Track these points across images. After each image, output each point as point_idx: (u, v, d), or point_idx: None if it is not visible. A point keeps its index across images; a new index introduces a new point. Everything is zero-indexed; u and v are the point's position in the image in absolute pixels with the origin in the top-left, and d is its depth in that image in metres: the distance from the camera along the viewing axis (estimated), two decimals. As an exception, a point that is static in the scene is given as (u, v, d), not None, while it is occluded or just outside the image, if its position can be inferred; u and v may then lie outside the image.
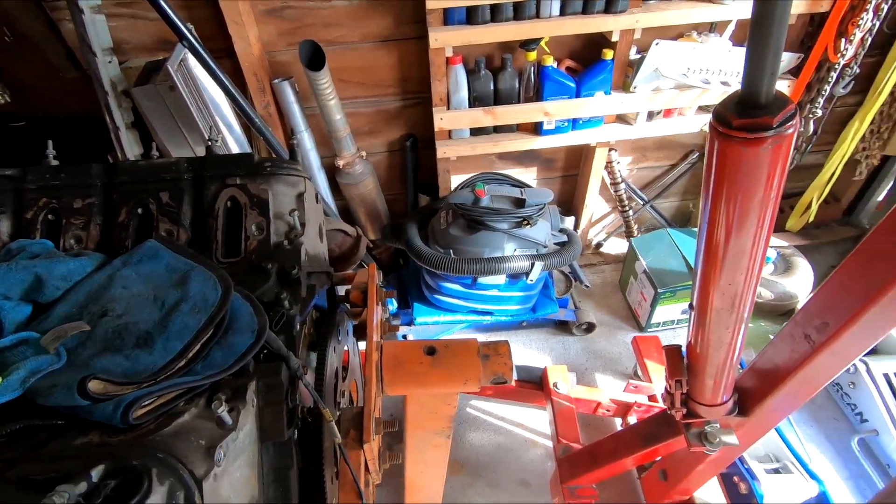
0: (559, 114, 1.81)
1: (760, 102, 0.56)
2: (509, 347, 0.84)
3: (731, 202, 0.65)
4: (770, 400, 1.01)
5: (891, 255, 0.73)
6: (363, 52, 1.78)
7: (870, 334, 0.83)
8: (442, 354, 0.81)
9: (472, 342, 0.83)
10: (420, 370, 0.80)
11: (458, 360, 0.81)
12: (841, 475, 1.66)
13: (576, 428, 1.52)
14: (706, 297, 0.81)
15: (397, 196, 2.22)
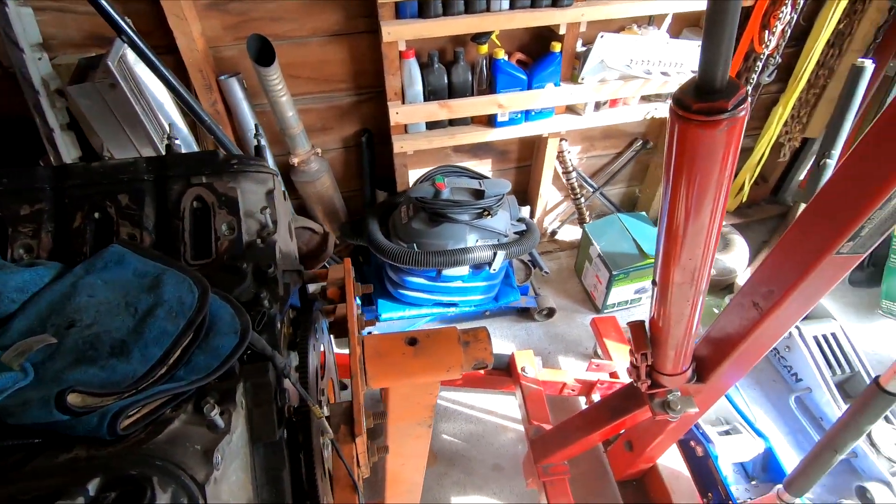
0: (513, 106, 1.86)
1: (716, 87, 0.61)
2: (488, 333, 0.86)
3: (691, 182, 0.70)
4: (724, 366, 1.09)
5: (822, 229, 0.81)
6: (313, 46, 1.74)
7: (809, 298, 0.91)
8: (423, 344, 0.82)
9: (452, 330, 0.85)
10: (403, 361, 0.80)
11: (440, 349, 0.82)
12: (782, 431, 1.81)
13: (545, 409, 1.58)
14: (668, 273, 0.86)
15: (354, 193, 2.19)
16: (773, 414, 1.86)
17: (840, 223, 0.79)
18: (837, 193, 0.79)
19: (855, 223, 0.77)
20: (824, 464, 1.21)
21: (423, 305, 1.93)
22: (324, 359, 1.00)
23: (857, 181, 0.76)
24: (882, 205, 0.74)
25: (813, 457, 1.22)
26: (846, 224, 0.78)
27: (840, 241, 0.80)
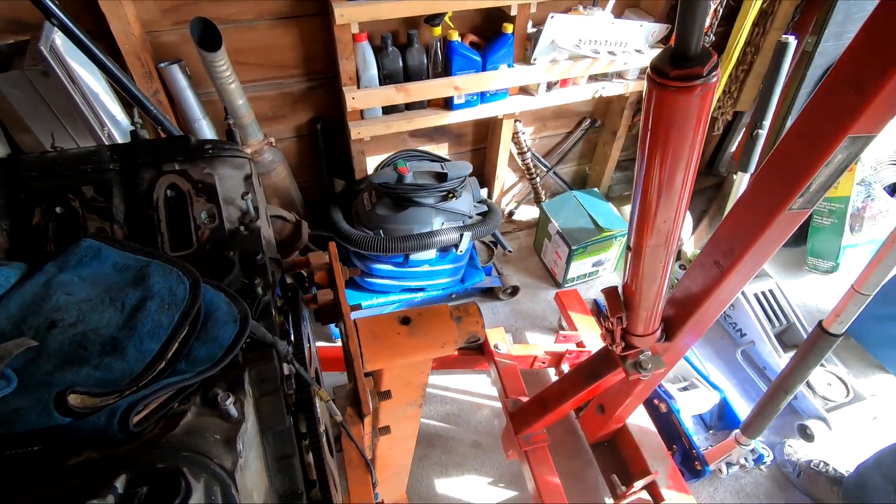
0: (469, 88, 1.86)
1: (691, 55, 0.64)
2: (478, 307, 0.87)
3: (668, 146, 0.74)
4: (689, 323, 1.16)
5: (776, 187, 0.88)
6: (261, 30, 1.66)
7: (765, 252, 0.99)
8: (417, 322, 0.82)
9: (444, 307, 0.86)
10: (398, 341, 0.80)
11: (434, 326, 0.83)
12: (732, 382, 1.97)
13: (521, 382, 1.62)
14: (642, 236, 0.91)
15: (310, 183, 2.13)
16: (722, 368, 2.02)
17: (792, 181, 0.86)
18: (789, 154, 0.87)
19: (805, 180, 0.84)
20: (777, 405, 1.33)
21: (391, 292, 1.92)
22: (310, 350, 0.98)
23: (805, 141, 0.83)
24: (828, 162, 0.82)
25: (766, 400, 1.34)
26: (798, 181, 0.85)
27: (793, 198, 0.87)
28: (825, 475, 1.61)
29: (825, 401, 1.79)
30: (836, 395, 1.80)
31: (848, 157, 0.83)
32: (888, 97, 0.73)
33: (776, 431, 1.82)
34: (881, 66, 0.71)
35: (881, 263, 0.98)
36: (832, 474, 1.61)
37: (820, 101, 0.80)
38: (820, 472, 1.63)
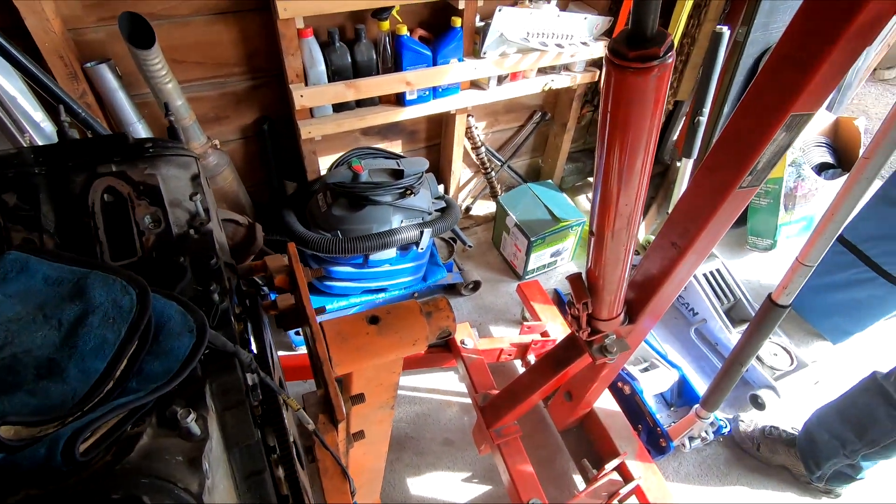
0: (421, 83, 1.84)
1: (647, 36, 0.65)
2: (448, 301, 0.85)
3: (627, 128, 0.75)
4: (651, 305, 1.20)
5: (726, 167, 0.92)
6: (197, 26, 1.57)
7: (718, 230, 1.03)
8: (386, 321, 0.79)
9: (413, 303, 0.83)
10: (367, 341, 0.77)
11: (404, 323, 0.80)
12: (687, 360, 2.05)
13: (489, 376, 1.62)
14: (605, 221, 0.92)
15: (259, 186, 2.05)
16: (678, 347, 2.10)
17: (741, 159, 0.89)
18: (737, 134, 0.90)
19: (753, 158, 0.88)
20: (732, 378, 1.39)
21: (351, 294, 1.87)
22: (273, 358, 0.93)
23: (753, 120, 0.87)
24: (773, 140, 0.86)
25: (722, 374, 1.40)
26: (746, 159, 0.89)
27: (742, 176, 0.91)
28: (780, 440, 1.70)
29: (773, 370, 1.90)
30: (781, 364, 1.91)
31: (790, 136, 0.87)
32: (826, 74, 0.77)
33: (730, 403, 1.91)
34: (819, 43, 0.75)
35: (822, 236, 1.04)
36: (785, 437, 1.71)
37: (765, 79, 0.84)
38: (775, 439, 1.72)
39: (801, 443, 1.66)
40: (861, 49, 0.77)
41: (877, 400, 1.43)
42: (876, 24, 0.73)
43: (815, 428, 1.63)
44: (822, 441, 1.58)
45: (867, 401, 1.46)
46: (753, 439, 1.76)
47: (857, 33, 0.72)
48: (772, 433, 1.74)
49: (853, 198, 0.97)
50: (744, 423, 1.81)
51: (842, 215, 1.00)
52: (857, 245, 1.86)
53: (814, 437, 1.62)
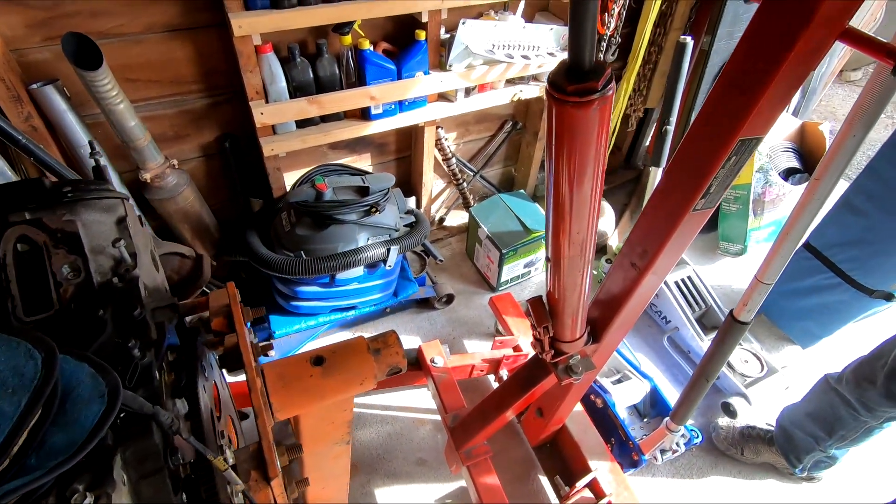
0: (386, 97, 1.81)
1: (586, 69, 0.64)
2: (397, 336, 0.83)
3: (572, 158, 0.73)
4: (614, 324, 1.19)
5: (679, 190, 0.91)
6: (151, 44, 1.52)
7: (676, 251, 1.02)
8: (331, 361, 0.77)
9: (360, 340, 0.80)
10: (311, 384, 0.74)
11: (350, 362, 0.77)
12: (661, 369, 2.06)
13: (459, 396, 1.60)
14: (559, 248, 0.91)
15: (225, 204, 2.00)
16: (651, 356, 2.10)
17: (693, 183, 0.88)
18: (689, 157, 0.89)
19: (705, 181, 0.87)
20: (699, 392, 1.38)
21: (320, 314, 1.84)
22: (217, 396, 0.90)
23: (703, 144, 0.86)
24: (723, 164, 0.85)
25: (690, 388, 1.40)
26: (699, 183, 0.88)
27: (696, 199, 0.90)
28: (760, 439, 1.73)
29: (743, 377, 1.91)
30: (752, 370, 1.92)
31: (741, 158, 0.86)
32: (771, 99, 0.77)
33: (702, 412, 1.92)
34: (762, 70, 0.74)
35: (778, 254, 1.04)
36: (764, 434, 1.73)
37: (712, 105, 0.83)
38: (755, 438, 1.74)
39: (779, 440, 1.70)
40: (805, 74, 0.76)
41: (836, 401, 1.49)
42: (817, 52, 0.73)
43: (788, 426, 1.67)
44: (798, 438, 1.64)
45: (828, 402, 1.52)
46: (736, 444, 1.78)
47: (799, 60, 0.72)
48: (750, 433, 1.77)
49: (807, 216, 0.97)
50: (723, 429, 1.82)
51: (797, 233, 1.00)
52: (822, 251, 1.88)
53: (790, 435, 1.66)
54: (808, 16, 0.68)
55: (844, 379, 1.45)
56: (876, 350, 1.39)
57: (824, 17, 0.68)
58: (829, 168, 0.90)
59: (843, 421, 1.48)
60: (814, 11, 0.67)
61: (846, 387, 1.44)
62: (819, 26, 0.69)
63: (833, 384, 1.49)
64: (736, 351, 1.99)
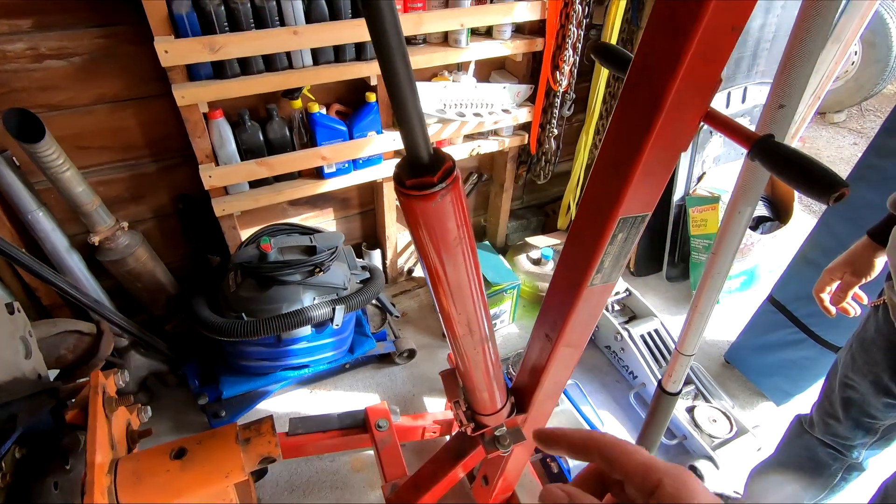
0: (337, 157, 1.85)
1: (424, 163, 0.64)
2: (271, 422, 0.80)
3: (434, 246, 0.72)
4: (538, 394, 1.14)
5: (574, 266, 0.89)
6: (100, 114, 1.58)
7: (587, 322, 0.99)
8: (193, 453, 0.74)
9: (229, 429, 0.78)
10: (168, 479, 0.72)
11: (214, 454, 0.75)
12: (627, 427, 1.97)
13: (401, 464, 1.54)
14: (449, 328, 0.89)
15: (185, 261, 2.02)
16: (618, 413, 2.02)
17: (585, 260, 0.87)
18: (578, 236, 0.88)
19: (595, 259, 0.86)
20: (643, 463, 1.32)
21: (270, 373, 1.81)
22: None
23: (589, 222, 0.85)
24: (610, 241, 0.84)
25: (633, 459, 1.33)
26: (590, 261, 0.86)
27: (590, 276, 0.88)
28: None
29: (711, 438, 1.82)
30: (720, 431, 1.84)
31: (629, 234, 0.85)
32: (643, 181, 0.76)
33: (670, 475, 1.83)
34: (628, 154, 0.74)
35: (691, 326, 1.01)
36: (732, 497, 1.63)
37: (593, 184, 0.82)
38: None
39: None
40: (675, 156, 0.76)
41: (812, 443, 1.38)
42: (681, 135, 0.73)
43: (759, 491, 1.56)
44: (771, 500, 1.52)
45: (803, 446, 1.40)
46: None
47: (662, 144, 0.71)
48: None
49: (711, 290, 0.94)
50: None
51: (705, 307, 0.97)
52: (785, 305, 1.83)
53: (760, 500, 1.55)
54: (658, 102, 0.68)
55: (813, 422, 1.37)
56: (825, 384, 1.32)
57: (677, 104, 0.68)
58: (723, 244, 0.88)
59: (821, 464, 1.37)
60: (663, 98, 0.67)
61: (817, 430, 1.35)
62: (674, 111, 0.69)
63: (805, 427, 1.40)
64: (704, 409, 1.91)
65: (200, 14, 1.42)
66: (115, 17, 1.44)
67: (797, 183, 0.63)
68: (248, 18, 1.49)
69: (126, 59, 1.52)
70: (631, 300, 2.27)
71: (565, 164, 2.55)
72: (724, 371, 2.19)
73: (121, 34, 1.47)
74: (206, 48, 1.43)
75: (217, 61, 1.52)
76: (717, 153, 2.36)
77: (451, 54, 1.84)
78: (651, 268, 2.59)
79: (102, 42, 1.47)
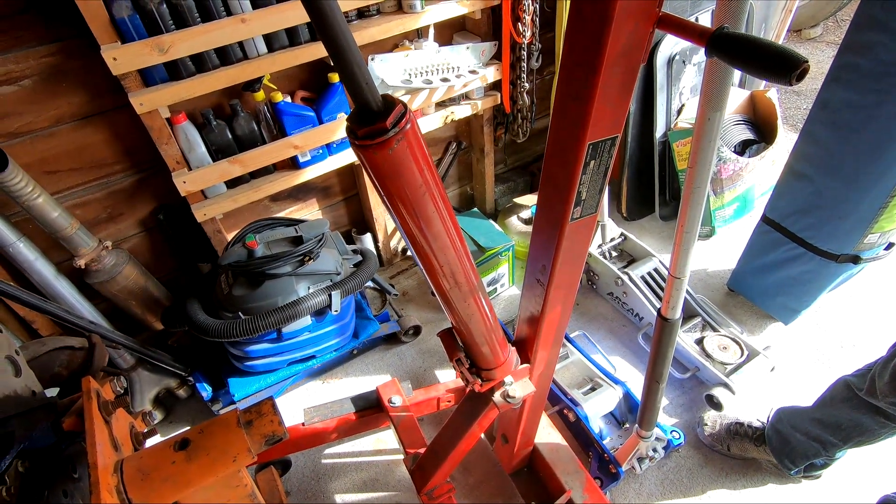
0: (310, 144, 1.82)
1: (374, 110, 0.62)
2: (273, 403, 0.80)
3: (400, 197, 0.71)
4: (540, 341, 1.14)
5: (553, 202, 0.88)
6: (63, 135, 1.55)
7: (575, 261, 0.98)
8: (197, 442, 0.74)
9: (230, 415, 0.78)
10: (175, 471, 0.71)
11: (218, 441, 0.75)
12: (638, 369, 1.98)
13: (420, 435, 1.55)
14: (437, 284, 0.88)
15: (175, 272, 2.01)
16: (629, 357, 2.03)
17: (562, 195, 0.85)
18: (551, 171, 0.86)
19: (571, 192, 0.84)
20: (655, 395, 1.32)
21: (278, 368, 1.81)
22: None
23: (558, 157, 0.83)
24: (583, 170, 0.82)
25: (645, 393, 1.34)
26: (566, 194, 0.85)
27: (569, 210, 0.87)
28: (748, 437, 1.62)
29: (723, 366, 1.83)
30: (732, 357, 1.84)
31: (602, 160, 0.83)
32: (605, 101, 0.74)
33: (688, 408, 1.84)
34: (584, 75, 0.72)
35: (681, 248, 1.00)
36: (752, 433, 1.62)
37: (556, 114, 0.80)
38: (742, 436, 1.64)
39: (773, 442, 1.57)
40: (634, 70, 0.74)
41: (860, 411, 1.31)
42: (636, 47, 0.70)
43: (787, 429, 1.53)
44: (797, 442, 1.49)
45: (848, 410, 1.34)
46: (722, 440, 1.68)
47: (617, 59, 0.69)
48: (738, 430, 1.66)
49: (695, 206, 0.93)
50: (708, 425, 1.73)
51: (690, 226, 0.96)
52: (779, 222, 1.82)
53: (786, 438, 1.52)
54: (606, 10, 0.65)
55: (879, 391, 1.23)
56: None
57: (625, 8, 0.65)
58: (698, 154, 0.86)
59: (863, 427, 1.32)
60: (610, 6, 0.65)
61: (884, 399, 1.23)
62: (624, 17, 0.66)
63: (864, 396, 1.28)
64: (713, 339, 1.91)
65: (143, 15, 1.38)
66: (55, 32, 1.40)
67: (756, 69, 0.60)
68: (192, 13, 1.44)
69: (77, 75, 1.48)
70: (627, 244, 2.26)
71: (543, 121, 2.51)
72: (728, 299, 2.18)
73: (66, 49, 1.43)
74: (154, 49, 1.40)
75: (171, 63, 1.48)
76: (692, 83, 2.32)
77: (408, 21, 1.80)
78: (643, 210, 2.57)
79: (49, 60, 1.43)
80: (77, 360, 0.96)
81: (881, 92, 1.38)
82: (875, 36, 1.33)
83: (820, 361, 1.93)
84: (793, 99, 3.40)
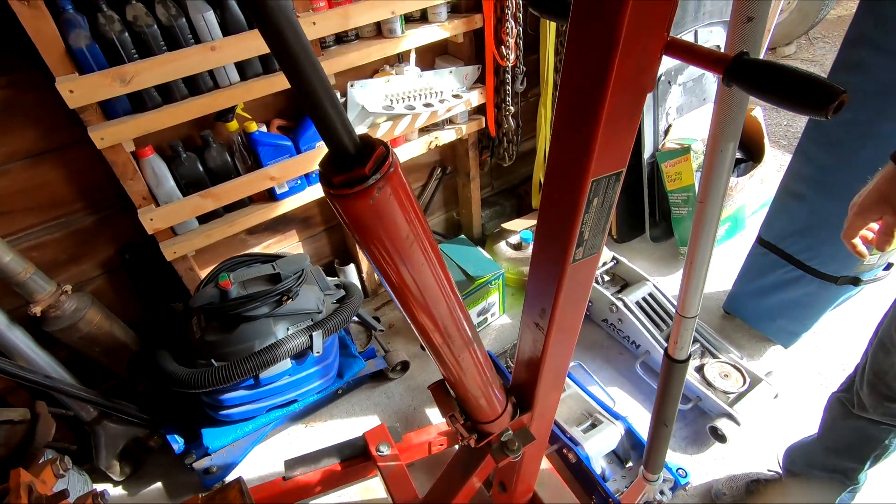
0: (287, 175, 1.73)
1: (351, 154, 0.53)
2: (240, 487, 0.69)
3: (384, 250, 0.62)
4: (540, 387, 1.05)
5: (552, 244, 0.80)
6: (16, 173, 1.44)
7: (576, 303, 0.90)
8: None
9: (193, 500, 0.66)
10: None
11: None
12: (638, 400, 1.89)
13: (410, 485, 1.43)
14: (427, 338, 0.78)
15: (144, 314, 1.87)
16: (627, 387, 1.94)
17: (563, 235, 0.77)
18: (550, 209, 0.78)
19: (573, 232, 0.76)
20: (663, 438, 1.23)
21: (256, 415, 1.68)
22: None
23: (559, 193, 0.75)
24: (586, 208, 0.74)
25: (651, 436, 1.25)
26: (568, 234, 0.77)
27: (571, 250, 0.78)
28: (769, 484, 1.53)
29: (726, 395, 1.75)
30: (733, 385, 1.77)
31: (606, 196, 0.75)
32: (611, 132, 0.66)
33: (691, 441, 1.76)
34: (589, 104, 0.64)
35: (690, 286, 0.92)
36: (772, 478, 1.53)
37: (556, 150, 0.73)
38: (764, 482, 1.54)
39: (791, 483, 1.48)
40: (641, 98, 0.67)
41: (861, 423, 1.24)
42: (643, 72, 0.63)
43: (804, 470, 1.44)
44: (818, 481, 1.40)
45: (851, 427, 1.27)
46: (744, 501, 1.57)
47: (624, 86, 0.62)
48: (757, 489, 1.55)
49: (706, 241, 0.86)
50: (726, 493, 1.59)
51: (700, 261, 0.88)
52: (776, 244, 1.77)
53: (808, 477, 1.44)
54: (612, 34, 0.58)
55: (868, 405, 1.19)
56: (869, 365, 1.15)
57: (633, 32, 0.58)
58: (710, 188, 0.79)
59: (875, 441, 1.25)
60: (617, 28, 0.57)
61: (872, 412, 1.19)
62: (631, 42, 0.59)
63: (858, 413, 1.23)
64: (713, 366, 1.84)
65: (103, 44, 1.29)
66: (6, 64, 1.30)
67: (784, 101, 0.54)
68: (157, 41, 1.36)
69: (32, 109, 1.38)
70: (620, 268, 2.20)
71: (529, 143, 2.46)
72: (725, 323, 2.12)
73: (18, 82, 1.33)
74: (115, 80, 1.30)
75: (135, 94, 1.39)
76: (678, 103, 2.30)
77: (388, 45, 1.73)
78: (633, 232, 2.52)
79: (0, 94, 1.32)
80: (17, 436, 0.84)
81: (876, 110, 1.34)
82: (867, 54, 1.30)
83: (822, 385, 1.87)
84: (773, 115, 3.42)
